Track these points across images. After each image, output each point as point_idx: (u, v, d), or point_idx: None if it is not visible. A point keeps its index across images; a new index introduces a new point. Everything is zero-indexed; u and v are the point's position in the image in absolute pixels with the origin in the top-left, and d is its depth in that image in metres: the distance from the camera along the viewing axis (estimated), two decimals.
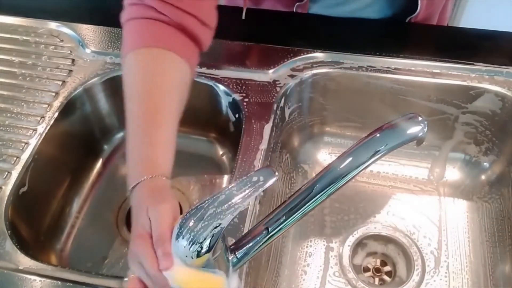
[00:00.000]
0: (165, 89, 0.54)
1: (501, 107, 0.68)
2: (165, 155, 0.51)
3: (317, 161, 0.78)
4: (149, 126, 0.52)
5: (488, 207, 0.72)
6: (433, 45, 0.74)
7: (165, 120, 0.53)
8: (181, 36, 0.56)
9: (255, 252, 0.45)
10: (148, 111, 0.52)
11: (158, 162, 0.50)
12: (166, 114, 0.53)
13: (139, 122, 0.52)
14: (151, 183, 0.47)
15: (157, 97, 0.53)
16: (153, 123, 0.52)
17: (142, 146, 0.51)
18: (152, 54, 0.54)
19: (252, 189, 0.39)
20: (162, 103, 0.53)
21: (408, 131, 0.46)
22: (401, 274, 0.67)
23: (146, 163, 0.49)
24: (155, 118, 0.52)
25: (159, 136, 0.51)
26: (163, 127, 0.52)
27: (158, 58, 0.54)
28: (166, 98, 0.54)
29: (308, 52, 0.71)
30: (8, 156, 0.61)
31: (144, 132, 0.51)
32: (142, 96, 0.53)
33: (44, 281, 0.50)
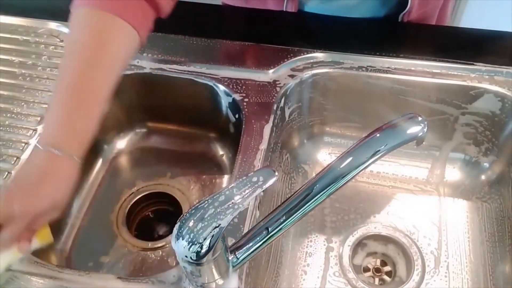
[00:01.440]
0: (107, 61, 0.54)
1: (501, 107, 0.68)
2: (87, 125, 0.51)
3: (317, 161, 0.78)
4: (79, 95, 0.52)
5: (488, 207, 0.72)
6: (433, 45, 0.74)
7: (96, 93, 0.53)
8: (140, 2, 0.56)
9: (255, 252, 0.45)
10: (82, 79, 0.52)
11: (77, 131, 0.51)
12: (100, 87, 0.53)
13: (70, 87, 0.52)
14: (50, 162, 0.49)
15: (97, 67, 0.53)
16: (83, 94, 0.52)
17: (64, 112, 0.51)
18: (104, 20, 0.53)
19: (252, 189, 0.39)
20: (100, 74, 0.53)
21: (408, 131, 0.46)
22: (401, 274, 0.67)
23: (61, 134, 0.50)
24: (86, 89, 0.52)
25: (86, 109, 0.52)
26: (92, 101, 0.52)
27: (108, 26, 0.53)
28: (106, 71, 0.53)
29: (308, 52, 0.71)
30: (8, 156, 0.61)
31: (73, 99, 0.51)
32: (81, 61, 0.52)
33: (44, 281, 0.50)
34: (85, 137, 0.52)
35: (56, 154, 0.49)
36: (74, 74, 0.52)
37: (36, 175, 0.49)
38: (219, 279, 0.45)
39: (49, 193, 0.49)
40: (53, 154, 0.49)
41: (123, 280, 0.50)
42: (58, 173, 0.50)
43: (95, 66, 0.53)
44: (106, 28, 0.54)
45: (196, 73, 0.70)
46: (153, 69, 0.71)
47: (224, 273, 0.45)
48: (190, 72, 0.70)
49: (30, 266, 0.52)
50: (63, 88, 0.52)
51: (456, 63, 0.69)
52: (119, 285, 0.50)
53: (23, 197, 0.48)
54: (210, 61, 0.71)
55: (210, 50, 0.73)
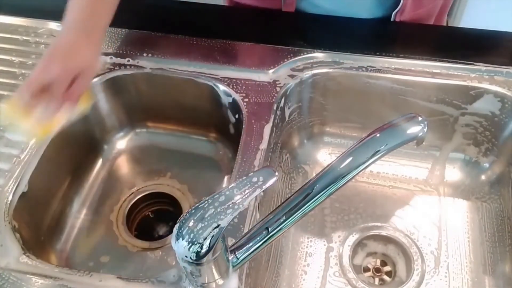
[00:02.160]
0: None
1: (501, 107, 0.68)
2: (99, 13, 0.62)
3: (317, 161, 0.78)
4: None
5: (488, 207, 0.72)
6: (433, 45, 0.74)
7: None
8: None
9: (255, 252, 0.45)
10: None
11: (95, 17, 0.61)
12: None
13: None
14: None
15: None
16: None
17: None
18: None
19: (252, 189, 0.39)
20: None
21: (408, 131, 0.46)
22: (401, 274, 0.67)
23: (85, 14, 0.61)
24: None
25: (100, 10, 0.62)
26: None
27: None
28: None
29: (308, 52, 0.71)
30: (8, 156, 0.61)
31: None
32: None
33: (44, 281, 0.50)
34: (104, 20, 0.62)
35: (84, 28, 0.60)
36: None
37: (69, 43, 0.59)
38: (219, 279, 0.45)
39: (83, 54, 0.59)
40: (81, 27, 0.60)
41: (123, 280, 0.50)
42: (88, 40, 0.60)
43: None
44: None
45: (196, 73, 0.70)
46: (153, 69, 0.71)
47: (224, 273, 0.45)
48: (190, 72, 0.70)
49: (30, 266, 0.52)
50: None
51: (456, 63, 0.69)
52: (119, 285, 0.50)
53: (61, 59, 0.58)
54: (210, 61, 0.71)
55: (210, 50, 0.73)
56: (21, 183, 0.59)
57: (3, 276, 0.51)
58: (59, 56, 0.58)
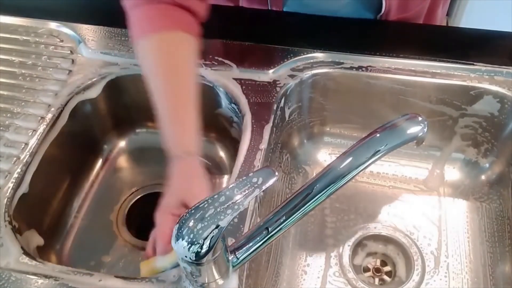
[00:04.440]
0: (185, 66, 0.60)
1: (501, 108, 0.68)
2: (192, 131, 0.58)
3: (317, 161, 0.78)
4: (178, 105, 0.58)
5: (488, 207, 0.72)
6: (433, 45, 0.73)
7: (190, 97, 0.58)
8: (182, 13, 0.61)
9: (255, 252, 0.45)
10: (175, 89, 0.58)
11: (186, 140, 0.58)
12: (191, 90, 0.59)
13: (168, 100, 0.58)
14: (186, 166, 0.56)
15: (181, 75, 0.59)
16: (181, 102, 0.58)
17: (179, 125, 0.58)
18: (166, 37, 0.59)
19: (252, 189, 0.39)
20: (186, 80, 0.59)
21: (408, 131, 0.46)
22: (401, 274, 0.67)
23: (187, 141, 0.58)
24: (182, 97, 0.58)
25: (191, 116, 0.58)
26: (190, 105, 0.58)
27: (172, 40, 0.60)
28: (188, 75, 0.60)
29: (308, 52, 0.71)
30: (8, 156, 0.61)
31: (178, 114, 0.58)
32: (166, 75, 0.59)
33: (44, 281, 0.50)
34: (197, 138, 0.58)
35: (192, 159, 0.56)
36: (170, 93, 0.58)
37: (186, 179, 0.56)
38: (219, 279, 0.45)
39: (200, 192, 0.55)
40: (190, 159, 0.56)
41: (123, 280, 0.50)
42: (199, 173, 0.56)
43: (181, 80, 0.59)
44: (173, 45, 0.60)
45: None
46: None
47: (224, 273, 0.45)
48: None
49: (30, 266, 0.52)
50: (167, 107, 0.59)
51: (456, 63, 0.69)
52: (119, 284, 0.50)
53: (183, 198, 0.54)
54: (210, 61, 0.71)
55: (210, 50, 0.73)
56: (22, 184, 0.60)
57: (3, 276, 0.51)
58: (181, 197, 0.54)
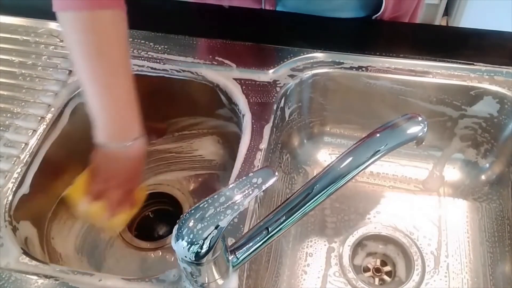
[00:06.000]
0: (114, 47, 0.57)
1: (501, 108, 0.68)
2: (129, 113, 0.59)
3: (317, 161, 0.78)
4: (107, 85, 0.57)
5: (488, 207, 0.72)
6: (433, 45, 0.73)
7: (121, 78, 0.58)
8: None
9: (255, 252, 0.45)
10: (103, 70, 0.57)
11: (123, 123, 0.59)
12: (122, 73, 0.58)
13: (96, 81, 0.57)
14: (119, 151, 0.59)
15: (109, 56, 0.57)
16: (111, 83, 0.57)
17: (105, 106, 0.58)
18: (92, 16, 0.55)
19: (252, 189, 0.39)
20: (115, 60, 0.57)
21: (408, 131, 0.46)
22: (401, 274, 0.67)
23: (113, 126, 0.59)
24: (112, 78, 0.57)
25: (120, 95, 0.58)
26: (122, 85, 0.58)
27: (98, 21, 0.56)
28: (119, 56, 0.58)
29: (308, 52, 0.71)
30: (8, 156, 0.61)
31: (104, 92, 0.58)
32: (93, 57, 0.56)
33: (44, 281, 0.50)
34: (135, 116, 0.60)
35: (120, 146, 0.59)
36: (97, 75, 0.57)
37: (110, 164, 0.60)
38: (219, 279, 0.45)
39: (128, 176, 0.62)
40: (118, 147, 0.59)
41: (123, 280, 0.50)
42: (127, 157, 0.60)
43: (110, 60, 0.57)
44: (98, 26, 0.56)
45: (196, 73, 0.70)
46: (153, 69, 0.71)
47: (224, 273, 0.45)
48: (190, 72, 0.70)
49: (30, 266, 0.52)
50: (95, 92, 0.58)
51: (456, 63, 0.69)
52: (119, 284, 0.50)
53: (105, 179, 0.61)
54: (210, 61, 0.71)
55: (210, 50, 0.73)
56: (23, 185, 0.60)
57: (3, 276, 0.51)
58: (103, 177, 0.61)
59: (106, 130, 0.59)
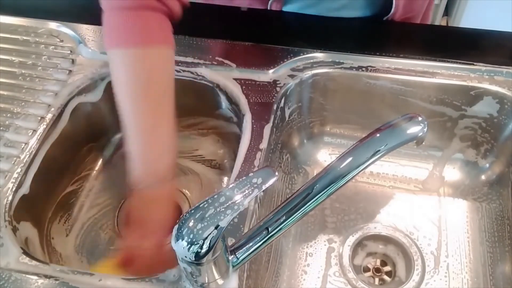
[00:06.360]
0: (161, 86, 0.57)
1: (501, 108, 0.68)
2: (167, 156, 0.57)
3: (317, 161, 0.78)
4: (150, 127, 0.56)
5: (488, 207, 0.72)
6: (433, 45, 0.74)
7: (164, 119, 0.57)
8: (160, 19, 0.57)
9: (255, 252, 0.45)
10: (148, 111, 0.56)
11: (160, 167, 0.57)
12: (166, 113, 0.57)
13: (140, 122, 0.56)
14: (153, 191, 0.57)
15: (156, 96, 0.56)
16: (154, 124, 0.56)
17: (145, 148, 0.56)
18: (142, 53, 0.55)
19: (252, 189, 0.39)
20: (161, 100, 0.57)
21: (408, 131, 0.46)
22: (401, 274, 0.67)
23: (149, 168, 0.57)
24: (155, 120, 0.56)
25: (162, 137, 0.57)
26: (164, 126, 0.56)
27: (148, 57, 0.56)
28: (164, 95, 0.57)
29: (308, 52, 0.71)
30: (8, 156, 0.61)
31: (146, 133, 0.56)
32: (140, 96, 0.56)
33: (44, 281, 0.50)
34: (172, 158, 0.58)
35: (153, 189, 0.57)
36: (142, 115, 0.56)
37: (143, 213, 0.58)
38: (219, 279, 0.45)
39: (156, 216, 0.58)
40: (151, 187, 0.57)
41: (123, 280, 0.50)
42: (160, 198, 0.58)
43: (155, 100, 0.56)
44: (148, 64, 0.56)
45: (196, 73, 0.70)
46: None
47: (224, 273, 0.45)
48: (190, 72, 0.70)
49: (30, 266, 0.52)
50: (139, 129, 0.57)
51: (456, 63, 0.69)
52: (119, 284, 0.50)
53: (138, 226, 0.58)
54: (210, 61, 0.71)
55: (210, 50, 0.73)
56: (23, 185, 0.60)
57: (3, 276, 0.51)
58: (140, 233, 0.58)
59: (142, 170, 0.57)
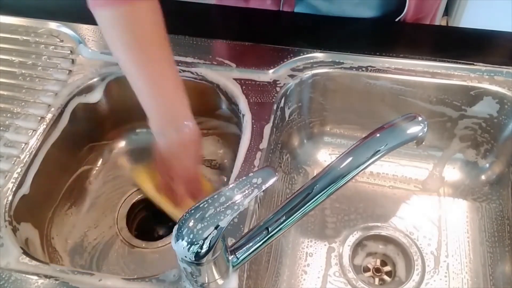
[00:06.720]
0: (157, 37, 0.58)
1: (501, 108, 0.68)
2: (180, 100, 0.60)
3: (317, 161, 0.78)
4: (156, 75, 0.58)
5: (488, 208, 0.72)
6: (433, 45, 0.74)
7: (168, 66, 0.59)
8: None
9: (255, 252, 0.45)
10: (150, 61, 0.58)
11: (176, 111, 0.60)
12: (167, 60, 0.59)
13: (145, 73, 0.58)
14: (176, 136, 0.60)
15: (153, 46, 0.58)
16: (160, 73, 0.59)
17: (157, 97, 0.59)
18: (131, 9, 0.56)
19: (252, 189, 0.39)
20: (160, 49, 0.58)
21: (408, 131, 0.46)
22: (401, 274, 0.67)
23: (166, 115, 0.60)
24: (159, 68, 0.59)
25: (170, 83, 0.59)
26: (169, 73, 0.59)
27: (138, 12, 0.56)
28: (161, 44, 0.58)
29: (308, 52, 0.71)
30: (8, 156, 0.61)
31: (154, 83, 0.59)
32: (138, 50, 0.57)
33: (44, 281, 0.50)
34: (184, 100, 0.60)
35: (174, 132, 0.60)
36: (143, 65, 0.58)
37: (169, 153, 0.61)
38: (219, 279, 0.45)
39: (189, 162, 0.62)
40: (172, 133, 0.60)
41: (123, 280, 0.51)
42: (183, 143, 0.61)
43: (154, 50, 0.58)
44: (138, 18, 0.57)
45: (196, 73, 0.70)
46: None
47: (224, 273, 0.45)
48: (190, 72, 0.70)
49: (30, 266, 0.52)
50: (145, 82, 0.59)
51: (456, 63, 0.69)
52: (119, 284, 0.50)
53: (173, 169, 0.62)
54: (210, 61, 0.71)
55: (210, 50, 0.73)
56: (23, 185, 0.60)
57: (3, 276, 0.51)
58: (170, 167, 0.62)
59: (158, 117, 0.60)
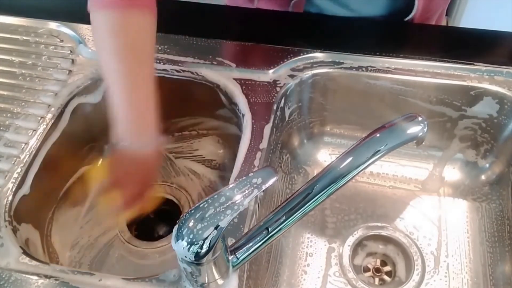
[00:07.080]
0: (143, 49, 0.59)
1: (501, 108, 0.68)
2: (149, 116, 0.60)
3: (317, 161, 0.78)
4: (131, 87, 0.58)
5: (488, 208, 0.72)
6: (433, 45, 0.74)
7: (145, 80, 0.59)
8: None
9: (255, 252, 0.45)
10: (129, 71, 0.58)
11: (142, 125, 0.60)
12: (147, 75, 0.59)
13: (121, 81, 0.58)
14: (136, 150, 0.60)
15: (137, 58, 0.58)
16: (135, 84, 0.59)
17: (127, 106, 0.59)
18: (125, 16, 0.57)
19: (252, 189, 0.39)
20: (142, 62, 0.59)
21: (408, 131, 0.46)
22: (401, 274, 0.67)
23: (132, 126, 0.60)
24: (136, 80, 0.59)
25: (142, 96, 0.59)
26: (144, 88, 0.59)
27: (131, 20, 0.58)
28: (146, 58, 0.60)
29: (308, 52, 0.71)
30: (8, 156, 0.61)
31: (127, 92, 0.58)
32: (122, 57, 0.57)
33: (44, 281, 0.50)
34: (153, 117, 0.60)
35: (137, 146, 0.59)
36: (123, 74, 0.58)
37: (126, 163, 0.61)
38: (219, 279, 0.45)
39: (139, 180, 0.62)
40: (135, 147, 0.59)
41: (123, 280, 0.50)
42: (143, 158, 0.60)
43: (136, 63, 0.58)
44: (131, 26, 0.58)
45: (196, 73, 0.70)
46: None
47: (224, 273, 0.45)
48: (190, 72, 0.70)
49: (30, 266, 0.52)
50: (119, 90, 0.59)
51: (456, 63, 0.69)
52: (119, 284, 0.50)
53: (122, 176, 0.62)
54: (210, 61, 0.71)
55: (210, 50, 0.73)
56: (23, 185, 0.60)
57: (3, 276, 0.51)
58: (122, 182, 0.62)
59: (125, 129, 0.60)
